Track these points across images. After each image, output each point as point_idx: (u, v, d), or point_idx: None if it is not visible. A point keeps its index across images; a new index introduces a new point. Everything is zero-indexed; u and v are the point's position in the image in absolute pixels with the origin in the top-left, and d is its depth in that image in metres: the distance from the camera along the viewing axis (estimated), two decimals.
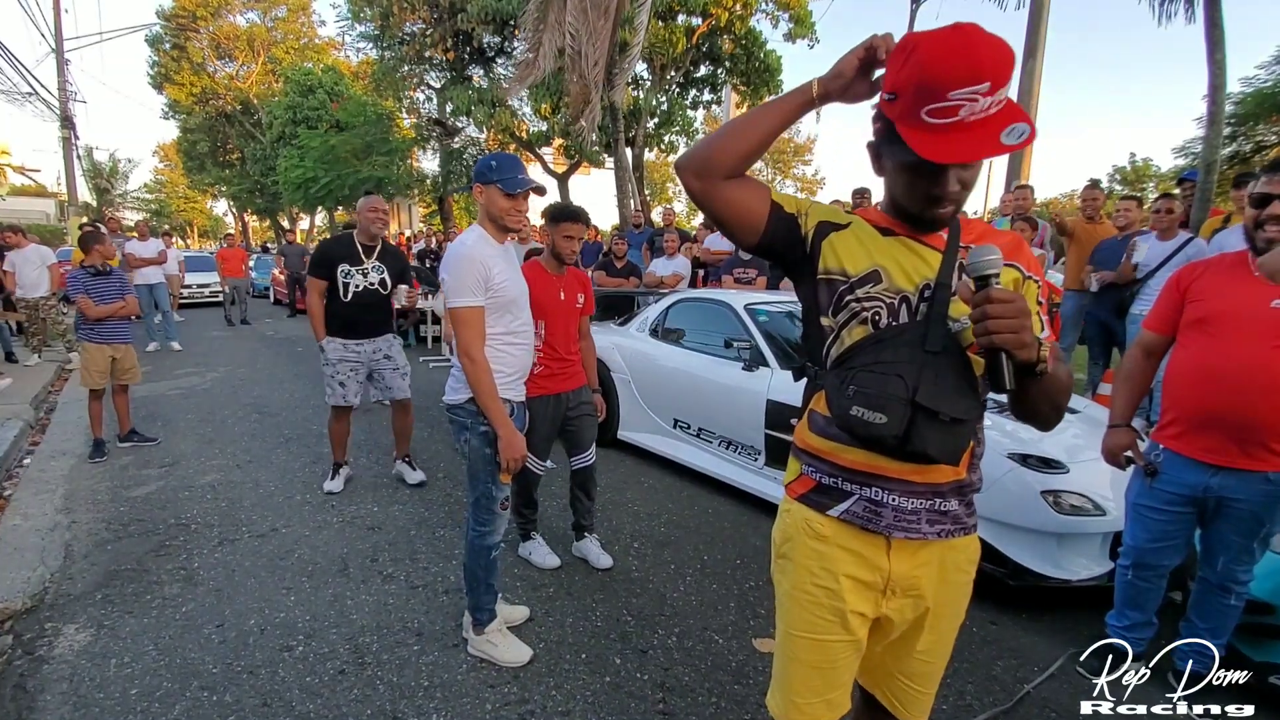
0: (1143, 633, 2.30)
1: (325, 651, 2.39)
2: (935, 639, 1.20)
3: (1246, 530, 2.02)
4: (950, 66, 0.88)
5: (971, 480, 1.15)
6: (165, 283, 9.27)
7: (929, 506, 1.11)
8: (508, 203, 2.16)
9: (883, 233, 1.12)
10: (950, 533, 1.13)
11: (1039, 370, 0.99)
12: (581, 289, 2.98)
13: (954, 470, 1.11)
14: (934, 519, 1.12)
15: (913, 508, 1.10)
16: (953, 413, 1.02)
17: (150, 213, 35.77)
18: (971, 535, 1.17)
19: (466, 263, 2.08)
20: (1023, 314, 0.93)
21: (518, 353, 2.26)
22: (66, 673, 2.28)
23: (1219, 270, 2.07)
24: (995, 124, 0.92)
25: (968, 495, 1.15)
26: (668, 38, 13.67)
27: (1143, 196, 6.53)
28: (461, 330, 2.09)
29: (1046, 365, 1.00)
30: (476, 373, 2.09)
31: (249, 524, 3.47)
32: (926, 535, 1.11)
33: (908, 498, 1.10)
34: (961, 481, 1.13)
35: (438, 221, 23.10)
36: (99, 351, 4.50)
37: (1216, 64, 5.59)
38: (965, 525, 1.15)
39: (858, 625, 1.15)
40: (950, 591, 1.17)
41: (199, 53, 28.03)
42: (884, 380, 1.03)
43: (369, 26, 17.58)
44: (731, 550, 3.24)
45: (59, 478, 4.18)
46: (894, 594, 1.15)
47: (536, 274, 2.82)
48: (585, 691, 2.20)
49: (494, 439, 2.16)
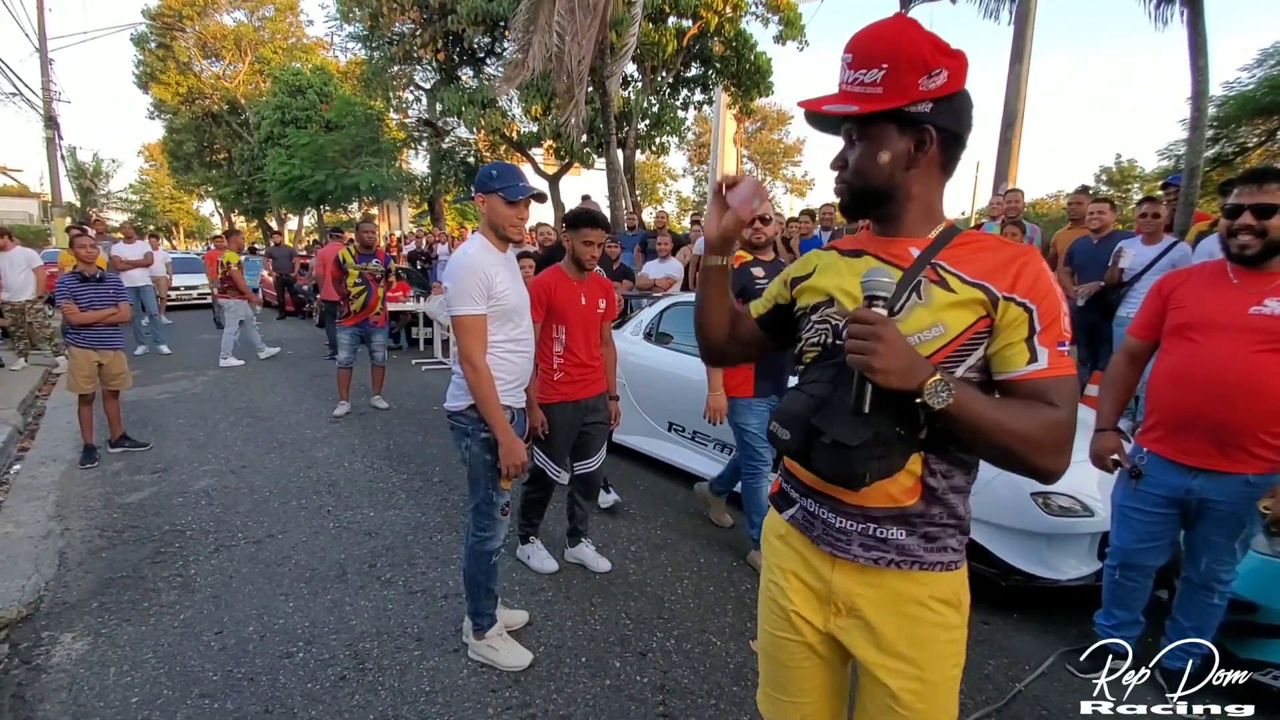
0: (1130, 631, 2.35)
1: (326, 658, 2.40)
2: (914, 689, 1.07)
3: (1228, 531, 2.08)
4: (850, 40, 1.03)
5: (925, 512, 1.05)
6: (152, 285, 9.19)
7: (861, 530, 1.07)
8: (509, 211, 2.18)
9: (852, 255, 1.14)
10: (895, 563, 1.06)
11: (924, 403, 0.92)
12: (603, 294, 2.98)
13: (887, 496, 1.04)
14: (868, 544, 1.07)
15: (841, 526, 1.09)
16: (835, 436, 0.98)
17: (135, 213, 35.41)
18: (936, 572, 1.06)
19: (469, 271, 2.10)
20: (876, 338, 0.91)
21: (519, 360, 2.28)
22: (65, 681, 2.27)
23: (1200, 279, 2.13)
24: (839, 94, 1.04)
25: (920, 528, 1.05)
26: (658, 40, 13.70)
27: (1114, 199, 6.60)
28: (464, 337, 2.11)
29: (940, 400, 0.91)
30: (478, 380, 2.11)
31: (245, 530, 3.47)
32: (859, 559, 1.08)
33: (836, 516, 1.10)
34: (903, 510, 1.05)
35: (428, 222, 23.02)
36: (85, 356, 4.46)
37: (1199, 70, 5.68)
38: (921, 560, 1.06)
39: (805, 630, 1.16)
40: (912, 628, 1.07)
41: (185, 52, 27.71)
42: (797, 398, 1.08)
43: (358, 27, 17.46)
44: (728, 553, 3.27)
45: (50, 484, 4.15)
46: (838, 611, 1.13)
47: (557, 279, 2.83)
48: (586, 695, 2.22)
49: (495, 445, 2.18)
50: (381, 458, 4.66)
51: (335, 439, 5.11)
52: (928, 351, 1.00)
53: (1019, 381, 0.98)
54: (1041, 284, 0.98)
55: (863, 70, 1.00)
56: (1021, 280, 0.98)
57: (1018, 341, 0.98)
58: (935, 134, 1.02)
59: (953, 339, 1.00)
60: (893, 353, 0.91)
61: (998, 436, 0.94)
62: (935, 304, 1.01)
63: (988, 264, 1.00)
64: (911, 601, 1.08)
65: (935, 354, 1.00)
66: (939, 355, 1.00)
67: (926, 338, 1.00)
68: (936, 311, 1.01)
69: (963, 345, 1.01)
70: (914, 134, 1.02)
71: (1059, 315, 0.98)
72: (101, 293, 4.51)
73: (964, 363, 1.01)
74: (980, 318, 0.99)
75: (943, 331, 1.00)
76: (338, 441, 5.04)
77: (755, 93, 15.53)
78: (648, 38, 13.25)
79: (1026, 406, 0.96)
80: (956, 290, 1.01)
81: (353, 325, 5.80)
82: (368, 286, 5.75)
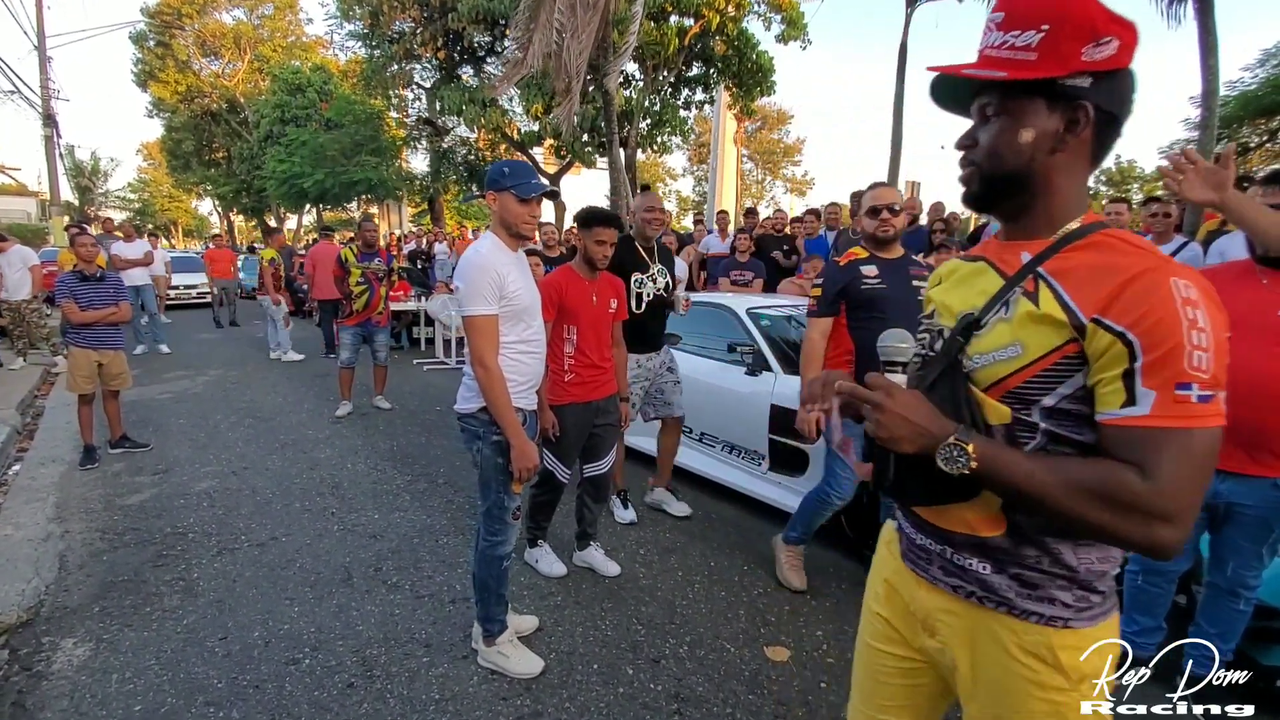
0: (1152, 637, 2.31)
1: (333, 664, 2.36)
2: None
3: (1255, 536, 2.04)
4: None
5: (1013, 550, 0.92)
6: (152, 284, 9.14)
7: (940, 552, 1.00)
8: (522, 208, 2.13)
9: (970, 262, 1.04)
10: (980, 599, 0.95)
11: (945, 469, 0.85)
12: (614, 294, 2.93)
13: (963, 521, 0.95)
14: (948, 569, 0.99)
15: (922, 544, 1.03)
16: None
17: (134, 212, 35.30)
18: (1031, 623, 0.92)
19: (481, 271, 2.06)
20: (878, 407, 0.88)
21: (530, 361, 2.24)
22: (67, 689, 2.22)
23: (1225, 279, 2.08)
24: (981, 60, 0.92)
25: (1009, 567, 0.92)
26: (660, 38, 13.65)
27: (1129, 198, 6.58)
28: (475, 338, 2.07)
29: (955, 466, 0.84)
30: (490, 381, 2.07)
31: (248, 532, 3.42)
32: (938, 582, 1.01)
33: (917, 533, 1.04)
34: (982, 541, 0.94)
35: (428, 221, 22.96)
36: (84, 356, 4.41)
37: (1210, 69, 5.65)
38: (1011, 604, 0.92)
39: (894, 642, 1.10)
40: (998, 676, 0.95)
41: (184, 50, 27.64)
42: None
43: (358, 25, 17.40)
44: (738, 556, 3.23)
45: (49, 485, 4.10)
46: (923, 629, 1.06)
47: (568, 278, 2.79)
48: (599, 703, 2.18)
49: (506, 448, 2.13)
50: (385, 459, 4.61)
51: (338, 440, 5.06)
52: (1001, 374, 0.89)
53: (1108, 427, 0.82)
54: (1156, 307, 0.78)
55: (1015, 32, 0.87)
56: (1124, 300, 0.80)
57: (1112, 378, 0.81)
58: (1092, 113, 0.87)
59: (1032, 362, 0.87)
60: (896, 421, 0.87)
61: (1047, 505, 0.82)
62: (1016, 319, 0.89)
63: (1091, 276, 0.84)
64: (995, 644, 0.95)
65: (1011, 377, 0.89)
66: (1016, 379, 0.88)
67: (1001, 358, 0.89)
68: (1016, 328, 0.89)
69: (1047, 370, 0.86)
70: (1066, 111, 0.88)
71: (1180, 348, 0.76)
72: (101, 292, 4.46)
73: (1054, 391, 0.86)
74: (1067, 341, 0.84)
75: (1020, 353, 0.88)
76: (340, 442, 4.99)
77: (757, 92, 15.48)
78: (649, 36, 13.20)
79: (1085, 466, 0.81)
80: (1041, 305, 0.87)
81: (355, 325, 5.74)
82: (370, 286, 5.70)
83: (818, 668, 2.38)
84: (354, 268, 5.66)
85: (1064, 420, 0.87)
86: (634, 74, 15.28)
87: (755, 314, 4.09)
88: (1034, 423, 0.88)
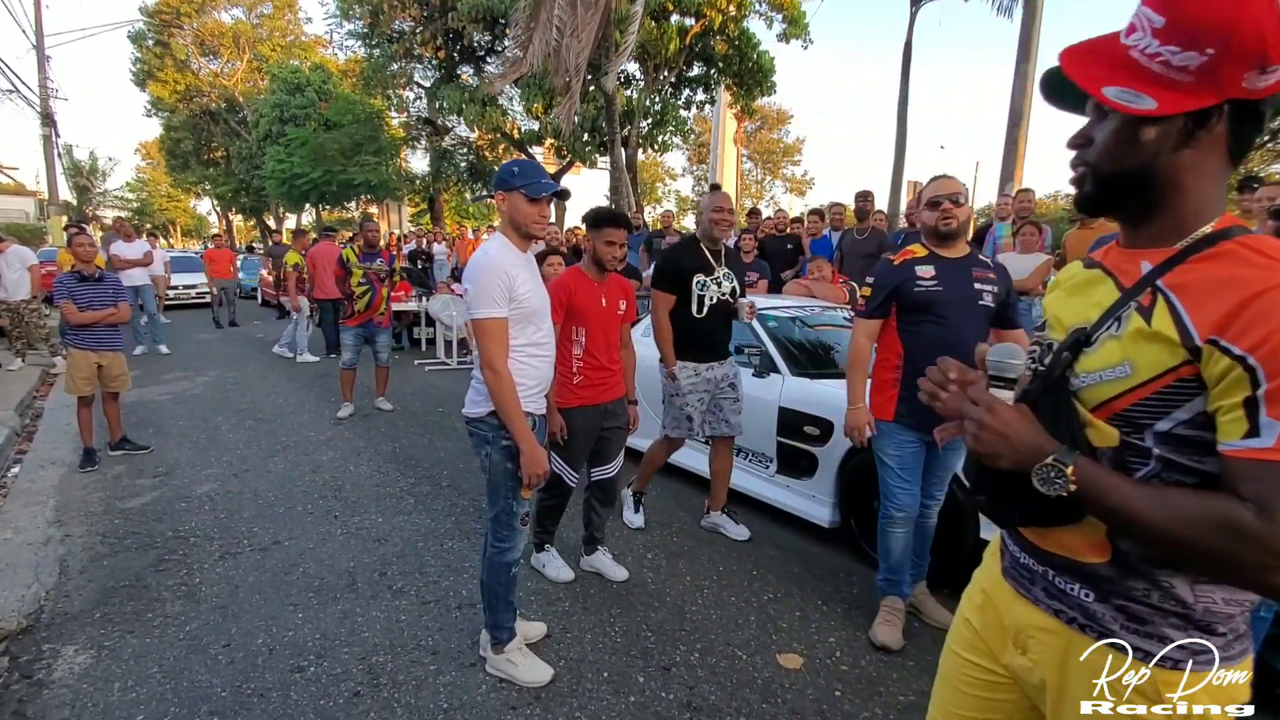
0: None
1: (338, 672, 2.32)
2: None
3: None
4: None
5: (1118, 580, 0.86)
6: (151, 284, 9.08)
7: (1043, 574, 0.95)
8: (532, 208, 2.09)
9: (1089, 268, 0.96)
10: (1081, 626, 0.90)
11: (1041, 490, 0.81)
12: (624, 295, 2.89)
13: (1063, 544, 0.91)
14: (1051, 591, 0.94)
15: (1025, 563, 0.99)
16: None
17: (132, 211, 35.21)
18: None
19: (490, 273, 2.02)
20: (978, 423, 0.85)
21: (540, 364, 2.20)
22: (68, 697, 2.18)
23: None
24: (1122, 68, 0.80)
25: (1112, 598, 0.87)
26: (660, 38, 13.62)
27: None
28: (485, 342, 2.03)
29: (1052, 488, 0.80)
30: (500, 385, 2.03)
31: (250, 536, 3.38)
32: (1041, 604, 0.96)
33: (1021, 551, 1.00)
34: (1082, 566, 0.89)
35: (427, 221, 22.91)
36: (83, 358, 4.37)
37: None
38: (1113, 635, 0.87)
39: (973, 646, 1.06)
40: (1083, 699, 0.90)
41: (183, 49, 27.58)
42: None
43: (357, 24, 17.37)
44: (747, 560, 3.19)
45: (49, 488, 4.05)
46: (1013, 645, 1.01)
47: (577, 280, 2.75)
48: (610, 712, 2.14)
49: (516, 453, 2.10)
50: (388, 461, 4.57)
51: (340, 441, 5.02)
52: (1108, 394, 0.83)
53: (1228, 459, 0.74)
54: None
55: (1174, 49, 0.75)
56: (1244, 320, 0.71)
57: (1232, 405, 0.73)
58: (1226, 106, 0.77)
59: (1142, 383, 0.80)
60: (994, 439, 0.85)
61: (1153, 537, 0.77)
62: (1126, 336, 0.82)
63: (1211, 290, 0.76)
64: (1085, 671, 0.89)
65: (1119, 399, 0.82)
66: (1124, 401, 0.82)
67: (1108, 378, 0.83)
68: (1126, 346, 0.82)
69: (1160, 393, 0.79)
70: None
71: None
72: (101, 292, 4.42)
73: (1169, 415, 0.79)
74: (1182, 363, 0.77)
75: (1129, 373, 0.81)
76: (342, 444, 4.95)
77: (758, 92, 15.46)
78: (650, 35, 13.17)
79: (1193, 499, 0.75)
80: (1154, 322, 0.79)
81: (357, 325, 5.70)
82: (372, 286, 5.65)
83: (832, 676, 2.34)
84: (356, 268, 5.62)
85: (1183, 447, 0.80)
86: (635, 73, 15.25)
87: (762, 316, 4.05)
88: (1146, 448, 0.81)
